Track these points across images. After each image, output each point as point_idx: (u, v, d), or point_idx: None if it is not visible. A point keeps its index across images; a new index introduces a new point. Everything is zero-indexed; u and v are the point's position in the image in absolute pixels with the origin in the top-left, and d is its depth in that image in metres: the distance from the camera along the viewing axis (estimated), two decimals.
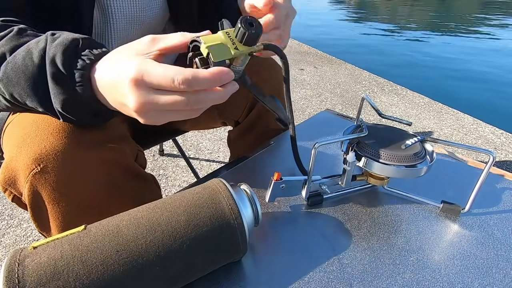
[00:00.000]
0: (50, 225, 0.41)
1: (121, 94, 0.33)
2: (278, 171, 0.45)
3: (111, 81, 0.34)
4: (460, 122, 1.90)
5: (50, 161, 0.38)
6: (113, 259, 0.30)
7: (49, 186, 0.38)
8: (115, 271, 0.29)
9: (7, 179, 0.40)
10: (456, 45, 4.02)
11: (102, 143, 0.42)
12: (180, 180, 1.35)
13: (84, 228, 0.32)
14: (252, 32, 0.34)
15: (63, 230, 0.41)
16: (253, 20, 0.34)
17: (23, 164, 0.38)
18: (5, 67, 0.37)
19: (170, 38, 0.35)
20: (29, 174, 0.38)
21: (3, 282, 0.27)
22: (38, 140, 0.38)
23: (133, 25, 0.56)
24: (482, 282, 0.39)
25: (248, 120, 0.67)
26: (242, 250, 0.36)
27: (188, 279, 0.34)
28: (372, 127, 0.51)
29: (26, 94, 0.37)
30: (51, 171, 0.38)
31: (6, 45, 0.38)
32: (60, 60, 0.35)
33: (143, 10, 0.56)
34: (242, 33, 0.34)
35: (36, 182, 0.38)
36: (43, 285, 0.27)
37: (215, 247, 0.34)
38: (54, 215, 0.40)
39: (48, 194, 0.39)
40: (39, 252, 0.29)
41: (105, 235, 0.31)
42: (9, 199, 0.42)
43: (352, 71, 2.71)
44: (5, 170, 0.40)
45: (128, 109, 0.34)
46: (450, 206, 0.48)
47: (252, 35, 0.34)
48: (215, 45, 0.33)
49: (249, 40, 0.34)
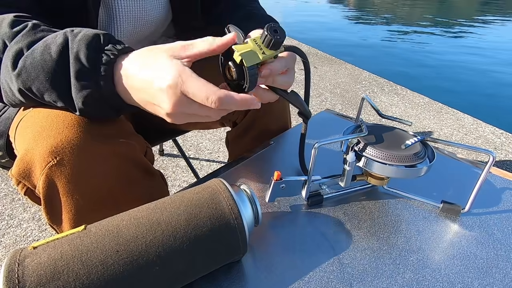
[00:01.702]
0: (62, 219, 0.42)
1: (154, 95, 0.36)
2: (278, 171, 0.45)
3: (144, 81, 0.36)
4: (460, 122, 1.90)
5: (66, 154, 0.38)
6: (113, 259, 0.30)
7: (65, 178, 0.39)
8: (115, 271, 0.29)
9: (21, 171, 0.40)
10: (456, 45, 4.03)
11: (114, 137, 0.43)
12: (180, 180, 1.35)
13: (84, 228, 0.32)
14: (277, 38, 0.39)
15: (76, 223, 0.42)
16: (277, 27, 0.39)
17: (40, 157, 0.39)
18: (24, 62, 0.38)
19: (199, 46, 0.37)
20: (46, 166, 0.38)
21: (3, 282, 0.27)
22: (54, 134, 0.39)
23: (137, 26, 0.56)
24: (482, 282, 0.39)
25: (246, 121, 0.67)
26: (242, 250, 0.36)
27: (188, 279, 0.34)
28: (372, 127, 0.51)
29: (45, 89, 0.38)
30: (67, 164, 0.39)
31: (23, 41, 0.38)
32: (85, 55, 0.36)
33: (147, 11, 0.57)
34: (269, 39, 0.39)
35: (52, 175, 0.39)
36: (43, 285, 0.27)
37: (215, 247, 0.34)
38: (68, 208, 0.41)
39: (63, 186, 0.39)
40: (39, 252, 0.29)
41: (105, 235, 0.31)
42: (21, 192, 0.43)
43: (352, 71, 2.71)
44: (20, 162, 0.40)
45: (159, 109, 0.37)
46: (450, 206, 0.48)
47: (278, 40, 0.39)
48: (245, 52, 0.38)
49: (275, 45, 0.39)
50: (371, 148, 0.46)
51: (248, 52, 0.39)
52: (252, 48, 0.39)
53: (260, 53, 0.39)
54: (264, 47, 0.39)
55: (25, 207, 1.18)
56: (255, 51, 0.39)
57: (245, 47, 0.39)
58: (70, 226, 0.42)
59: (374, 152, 0.45)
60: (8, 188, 1.27)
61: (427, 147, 0.48)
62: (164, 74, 0.34)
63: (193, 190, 0.37)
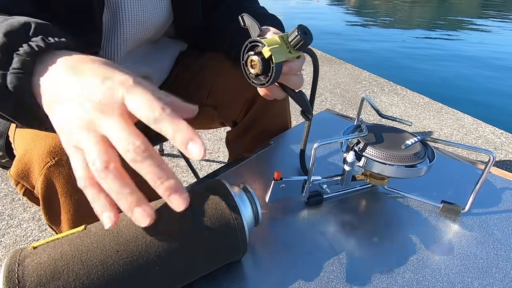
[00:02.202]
0: (60, 219, 0.42)
1: (71, 109, 0.27)
2: (278, 171, 0.45)
3: (68, 96, 0.27)
4: (460, 122, 1.90)
5: (64, 154, 0.38)
6: (113, 259, 0.30)
7: (63, 179, 0.39)
8: (115, 271, 0.29)
9: (20, 172, 0.40)
10: (456, 45, 4.03)
11: None
12: (180, 180, 1.35)
13: (84, 228, 0.32)
14: (306, 40, 0.39)
15: (74, 224, 0.42)
16: (306, 29, 0.39)
17: (38, 157, 0.39)
18: None
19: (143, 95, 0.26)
20: (44, 166, 0.38)
21: (3, 282, 0.27)
22: (52, 134, 0.39)
23: (140, 29, 0.56)
24: (482, 282, 0.39)
25: (246, 121, 0.67)
26: (242, 250, 0.36)
27: (188, 279, 0.34)
28: (372, 127, 0.51)
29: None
30: (66, 164, 0.39)
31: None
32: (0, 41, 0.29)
33: (151, 14, 0.57)
34: (298, 40, 0.38)
35: (50, 175, 0.39)
36: (43, 285, 0.27)
37: (215, 247, 0.34)
38: (66, 208, 0.41)
39: (61, 187, 0.39)
40: (39, 252, 0.29)
41: (105, 235, 0.31)
42: (20, 192, 0.43)
43: (352, 71, 2.71)
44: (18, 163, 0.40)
45: (58, 121, 0.28)
46: (450, 206, 0.48)
47: (306, 42, 0.39)
48: (275, 48, 0.38)
49: (302, 47, 0.39)
50: (371, 148, 0.46)
51: (278, 48, 0.38)
52: (281, 45, 0.39)
53: (287, 52, 0.39)
54: (291, 46, 0.39)
55: (25, 207, 1.18)
56: (283, 49, 0.39)
57: (273, 41, 0.39)
58: (69, 226, 0.42)
59: (374, 152, 0.45)
60: (8, 188, 1.27)
61: (427, 147, 0.48)
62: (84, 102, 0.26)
63: (193, 190, 0.37)
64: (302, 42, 0.39)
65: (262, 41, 0.38)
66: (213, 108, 0.69)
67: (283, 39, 0.39)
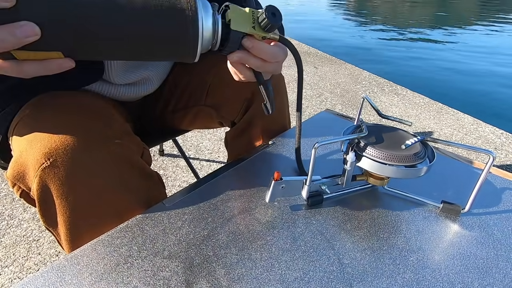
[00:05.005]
0: (57, 221, 0.41)
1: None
2: (278, 171, 0.45)
3: None
4: (460, 122, 1.90)
5: (59, 156, 0.38)
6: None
7: (58, 180, 0.39)
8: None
9: (16, 173, 0.40)
10: (456, 45, 4.03)
11: (110, 138, 0.43)
12: (180, 180, 1.35)
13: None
14: (273, 22, 0.38)
15: (71, 225, 0.41)
16: (276, 10, 0.39)
17: (33, 159, 0.38)
18: None
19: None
20: (39, 168, 0.38)
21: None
22: (48, 136, 0.39)
23: None
24: (482, 282, 0.39)
25: (244, 121, 0.67)
26: (191, 48, 0.35)
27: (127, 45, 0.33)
28: (372, 127, 0.51)
29: None
30: (61, 166, 0.38)
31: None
32: None
33: None
34: (263, 19, 0.38)
35: (45, 177, 0.38)
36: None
37: (161, 22, 0.33)
38: (62, 210, 0.40)
39: (57, 188, 0.39)
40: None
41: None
42: (17, 194, 0.42)
43: (352, 71, 2.71)
44: (14, 165, 0.40)
45: None
46: (450, 206, 0.48)
47: (271, 24, 0.38)
48: (238, 16, 0.38)
49: (268, 27, 0.38)
50: (371, 148, 0.46)
51: (240, 17, 0.38)
52: (246, 16, 0.38)
53: (250, 26, 0.38)
54: (257, 23, 0.39)
55: (25, 207, 1.18)
56: (248, 21, 0.38)
57: (239, 10, 0.38)
58: (66, 228, 0.42)
59: (374, 152, 0.45)
60: (8, 188, 1.27)
61: (427, 147, 0.48)
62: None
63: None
64: (268, 24, 0.38)
65: (230, 6, 0.38)
66: (212, 108, 0.69)
67: (253, 14, 0.39)
